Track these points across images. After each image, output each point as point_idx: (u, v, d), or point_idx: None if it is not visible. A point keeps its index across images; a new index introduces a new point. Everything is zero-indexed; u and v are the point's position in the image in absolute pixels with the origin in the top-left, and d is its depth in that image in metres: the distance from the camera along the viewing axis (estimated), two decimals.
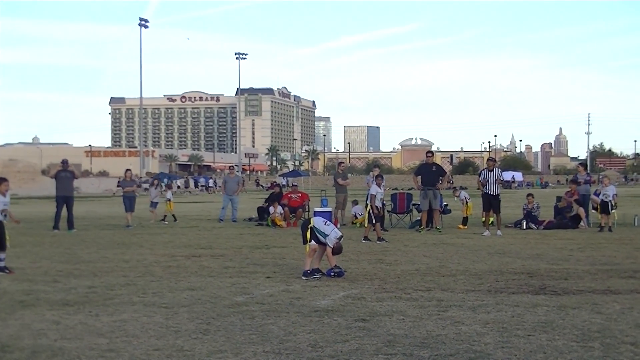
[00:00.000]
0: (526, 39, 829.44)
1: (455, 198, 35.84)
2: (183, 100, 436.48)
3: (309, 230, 16.54)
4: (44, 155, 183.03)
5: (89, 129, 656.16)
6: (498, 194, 28.35)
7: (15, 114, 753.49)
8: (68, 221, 31.40)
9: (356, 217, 33.12)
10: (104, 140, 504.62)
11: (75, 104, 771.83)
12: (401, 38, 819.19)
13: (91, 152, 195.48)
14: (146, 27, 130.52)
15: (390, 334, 10.62)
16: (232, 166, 45.62)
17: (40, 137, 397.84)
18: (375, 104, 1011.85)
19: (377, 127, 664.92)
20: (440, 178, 30.34)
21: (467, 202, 32.81)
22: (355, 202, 34.71)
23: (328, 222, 17.11)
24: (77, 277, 16.81)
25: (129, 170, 36.78)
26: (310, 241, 16.48)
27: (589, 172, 35.81)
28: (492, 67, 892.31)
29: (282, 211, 33.57)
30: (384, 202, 27.49)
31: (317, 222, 16.83)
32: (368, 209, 25.29)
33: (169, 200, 38.99)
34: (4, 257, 17.59)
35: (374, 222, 25.31)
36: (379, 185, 25.77)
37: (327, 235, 16.36)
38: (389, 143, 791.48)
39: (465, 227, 30.95)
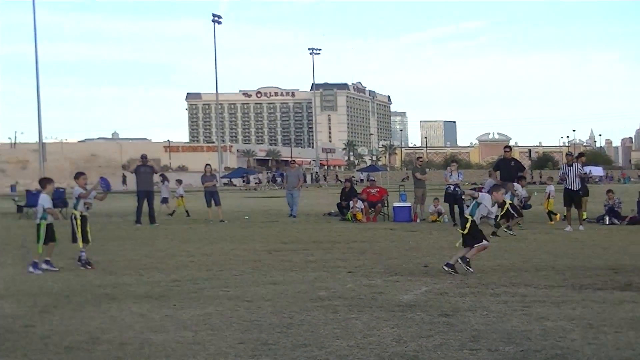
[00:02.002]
0: (605, 32, 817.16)
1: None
2: (259, 95, 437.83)
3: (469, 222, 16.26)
4: (123, 151, 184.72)
5: (167, 125, 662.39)
6: (579, 189, 28.02)
7: (95, 110, 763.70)
8: (149, 215, 31.77)
9: (439, 215, 32.68)
10: (182, 135, 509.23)
11: (153, 99, 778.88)
12: (477, 32, 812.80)
13: (170, 148, 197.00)
14: (219, 23, 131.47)
15: (475, 329, 10.55)
16: (293, 160, 45.49)
17: (120, 132, 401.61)
18: (452, 98, 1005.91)
19: (454, 122, 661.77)
20: (520, 173, 30.11)
21: (549, 197, 32.46)
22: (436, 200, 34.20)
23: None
24: (161, 271, 16.99)
25: (209, 165, 37.03)
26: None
27: None
28: (569, 60, 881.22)
29: (362, 206, 33.55)
30: (464, 197, 27.29)
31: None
32: (507, 205, 24.67)
33: (181, 196, 39.34)
34: (85, 251, 17.94)
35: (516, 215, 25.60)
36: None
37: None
38: (465, 138, 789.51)
39: (553, 222, 30.61)
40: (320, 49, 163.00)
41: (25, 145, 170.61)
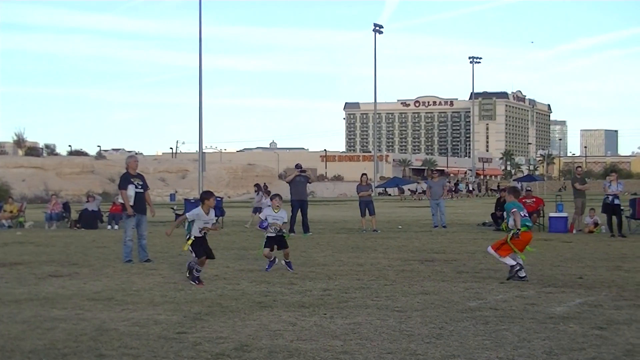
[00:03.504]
0: None
1: None
2: (417, 104, 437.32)
3: None
4: (280, 160, 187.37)
5: (324, 134, 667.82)
6: None
7: (254, 120, 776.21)
8: (303, 225, 32.03)
9: (596, 225, 31.93)
10: (338, 144, 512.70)
11: (310, 109, 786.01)
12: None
13: (326, 157, 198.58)
14: (380, 32, 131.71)
15: (629, 343, 10.31)
16: (436, 170, 45.30)
17: (278, 142, 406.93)
18: (614, 107, 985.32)
19: (615, 131, 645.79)
20: None
21: None
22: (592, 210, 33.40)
23: None
24: (313, 280, 17.12)
25: (365, 174, 37.00)
26: None
27: None
28: None
29: None
30: (622, 208, 26.70)
31: None
32: None
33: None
34: (201, 268, 16.85)
35: None
36: None
37: None
38: (627, 147, 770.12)
39: None
40: (480, 58, 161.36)
41: (185, 155, 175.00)
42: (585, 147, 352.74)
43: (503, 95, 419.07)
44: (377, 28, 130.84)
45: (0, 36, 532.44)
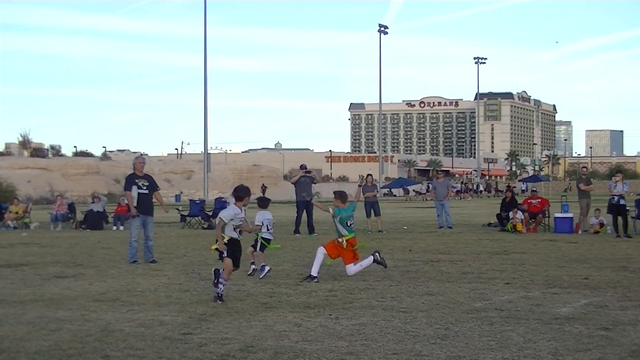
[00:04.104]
0: None
1: None
2: (422, 105, 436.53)
3: None
4: (285, 161, 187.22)
5: (329, 135, 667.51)
6: None
7: (259, 121, 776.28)
8: (308, 226, 31.99)
9: (601, 226, 31.82)
10: (343, 145, 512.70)
11: (315, 110, 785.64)
12: None
13: (331, 158, 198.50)
14: (385, 33, 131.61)
15: (635, 344, 10.29)
16: (440, 171, 45.18)
17: (283, 142, 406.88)
18: (619, 107, 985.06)
19: (621, 131, 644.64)
20: None
21: None
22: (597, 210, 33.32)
23: None
24: (318, 280, 17.09)
25: (370, 175, 36.90)
26: None
27: None
28: None
29: (522, 217, 33.08)
30: (628, 208, 26.64)
31: None
32: None
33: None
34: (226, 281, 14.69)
35: None
36: None
37: None
38: (632, 147, 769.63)
39: None
40: (485, 58, 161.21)
41: (190, 156, 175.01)
42: (591, 147, 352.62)
43: (508, 95, 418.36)
44: (382, 29, 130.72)
45: (5, 37, 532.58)
